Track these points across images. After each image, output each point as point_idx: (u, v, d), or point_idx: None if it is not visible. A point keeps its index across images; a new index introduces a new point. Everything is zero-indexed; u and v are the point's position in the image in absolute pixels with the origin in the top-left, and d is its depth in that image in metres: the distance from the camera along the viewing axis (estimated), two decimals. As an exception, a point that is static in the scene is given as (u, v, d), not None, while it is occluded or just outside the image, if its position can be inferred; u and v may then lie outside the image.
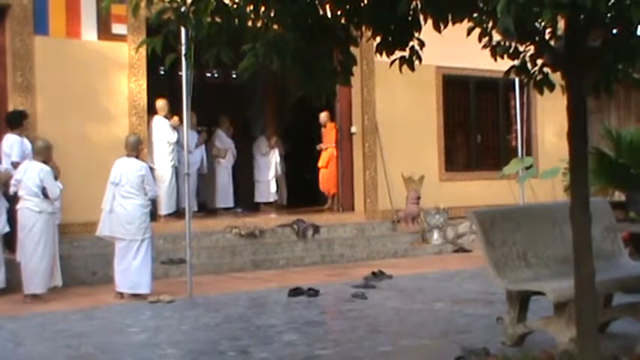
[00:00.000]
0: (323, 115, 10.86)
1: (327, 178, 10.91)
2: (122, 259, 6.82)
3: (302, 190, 12.04)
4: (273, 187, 11.62)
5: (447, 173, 11.34)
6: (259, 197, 11.63)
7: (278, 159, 11.78)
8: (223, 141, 11.15)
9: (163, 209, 9.43)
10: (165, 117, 9.54)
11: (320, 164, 10.97)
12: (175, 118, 9.43)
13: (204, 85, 13.03)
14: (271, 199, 11.64)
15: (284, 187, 12.18)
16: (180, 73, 7.18)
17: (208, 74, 13.70)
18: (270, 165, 11.67)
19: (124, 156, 6.98)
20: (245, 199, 11.93)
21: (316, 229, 9.61)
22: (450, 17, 3.16)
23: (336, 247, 9.53)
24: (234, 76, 13.80)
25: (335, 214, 10.55)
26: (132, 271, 6.77)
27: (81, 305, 6.46)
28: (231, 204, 11.13)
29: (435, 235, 10.15)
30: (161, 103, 9.55)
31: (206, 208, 10.76)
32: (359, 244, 9.72)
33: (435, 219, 10.12)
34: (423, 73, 10.55)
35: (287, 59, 3.26)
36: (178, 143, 9.44)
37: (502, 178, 9.06)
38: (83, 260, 7.79)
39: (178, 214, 9.28)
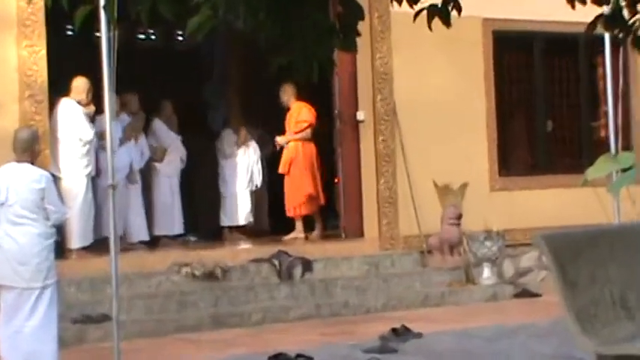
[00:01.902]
0: (284, 90, 10.90)
1: (291, 192, 10.89)
2: (11, 319, 6.69)
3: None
4: (244, 204, 11.59)
5: (502, 179, 11.34)
6: (225, 219, 11.61)
7: (255, 162, 11.75)
8: (161, 136, 11.13)
9: (76, 240, 9.41)
10: (80, 103, 9.54)
11: (281, 169, 10.98)
12: (92, 107, 9.42)
13: (136, 51, 13.04)
14: (241, 222, 11.62)
15: (264, 205, 12.18)
16: (97, 34, 7.15)
17: (141, 36, 13.70)
18: (240, 171, 11.65)
19: (12, 161, 6.91)
20: (202, 222, 11.88)
21: (307, 265, 9.59)
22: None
23: (337, 291, 9.51)
24: (180, 38, 13.80)
25: (334, 243, 10.53)
26: (26, 335, 6.66)
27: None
28: (178, 230, 11.11)
29: (486, 271, 10.13)
30: (80, 83, 9.58)
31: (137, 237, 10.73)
32: (371, 286, 9.70)
33: (484, 248, 10.11)
34: (463, 30, 10.55)
35: (260, 12, 3.24)
36: (98, 141, 9.41)
37: (586, 185, 9.01)
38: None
39: (99, 247, 9.24)
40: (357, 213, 10.72)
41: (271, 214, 12.13)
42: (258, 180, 11.68)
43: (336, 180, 11.30)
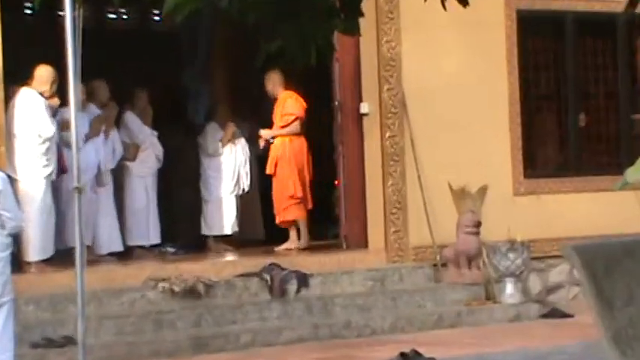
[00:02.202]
0: (269, 78, 10.94)
1: (277, 195, 10.96)
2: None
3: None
4: (230, 211, 11.59)
5: (528, 181, 11.35)
6: (207, 227, 11.61)
7: (242, 163, 11.74)
8: (134, 130, 11.12)
9: (35, 252, 9.40)
10: (43, 94, 9.54)
11: (268, 169, 11.05)
12: (56, 100, 9.41)
13: (106, 33, 13.04)
14: (226, 231, 11.62)
15: (255, 211, 12.17)
16: (61, 13, 7.15)
17: (111, 15, 13.70)
18: (225, 173, 11.65)
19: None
20: (181, 230, 11.87)
21: (303, 279, 9.61)
22: None
23: (337, 310, 9.52)
24: (157, 18, 13.79)
25: (334, 255, 10.53)
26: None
27: None
28: (154, 239, 11.12)
29: (509, 287, 10.13)
30: (44, 72, 9.59)
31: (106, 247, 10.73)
32: (377, 304, 9.71)
33: (507, 260, 10.11)
34: (482, 9, 10.53)
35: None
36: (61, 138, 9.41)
37: (624, 189, 9.03)
38: None
39: (62, 259, 9.24)
40: (361, 220, 10.72)
41: (265, 222, 12.14)
42: (245, 183, 11.67)
43: (336, 182, 11.31)
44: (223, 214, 11.56)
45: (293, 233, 11.00)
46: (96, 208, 10.30)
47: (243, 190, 11.70)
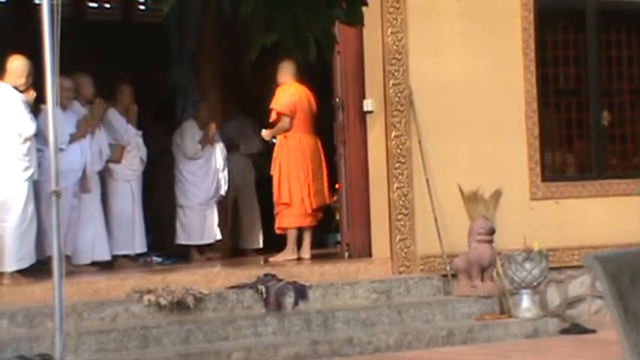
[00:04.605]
0: (280, 69, 11.08)
1: (277, 201, 11.08)
2: None
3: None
4: (210, 219, 11.62)
5: (545, 185, 11.35)
6: (186, 236, 11.63)
7: (221, 167, 11.75)
8: (119, 130, 11.13)
9: (11, 262, 9.42)
10: (18, 88, 9.56)
11: (272, 170, 11.18)
12: (32, 92, 9.42)
13: (87, 26, 13.05)
14: (207, 240, 11.65)
15: (255, 220, 12.18)
16: (37, 1, 7.15)
17: (93, 5, 13.71)
18: (204, 177, 11.66)
19: None
20: (169, 239, 11.89)
21: (301, 292, 9.62)
22: None
23: (338, 325, 9.53)
24: (142, 8, 13.81)
25: (335, 265, 10.54)
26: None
27: None
28: (140, 248, 11.13)
29: (526, 300, 10.14)
30: (18, 64, 9.60)
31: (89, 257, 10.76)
32: (382, 319, 9.72)
33: (523, 271, 10.11)
34: (496, -2, 10.61)
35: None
36: (41, 137, 9.40)
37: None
38: None
39: (41, 270, 9.24)
40: (364, 227, 10.75)
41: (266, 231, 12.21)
42: (223, 188, 11.75)
43: (337, 185, 11.33)
44: (203, 222, 11.60)
45: (291, 242, 11.02)
46: (77, 215, 10.31)
47: (221, 195, 11.75)
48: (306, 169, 11.07)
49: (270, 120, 11.14)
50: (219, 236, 11.69)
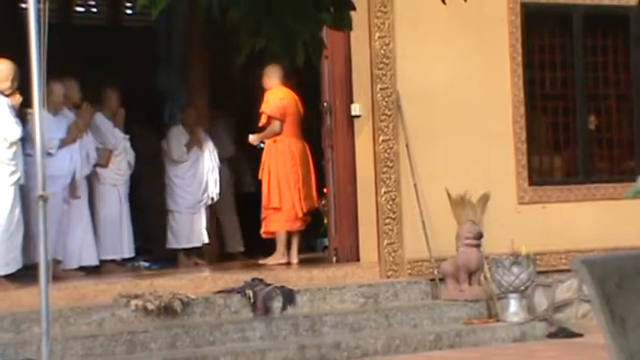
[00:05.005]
0: (266, 73, 11.06)
1: (266, 205, 11.07)
2: None
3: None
4: (198, 222, 11.61)
5: (533, 189, 11.37)
6: (175, 240, 11.62)
7: (210, 170, 11.74)
8: (106, 134, 11.11)
9: (-3, 266, 9.40)
10: (4, 92, 9.54)
11: (260, 175, 11.18)
12: (18, 97, 9.39)
13: (75, 29, 13.03)
14: (196, 244, 11.64)
15: (234, 223, 12.15)
16: (23, 5, 7.14)
17: (80, 9, 13.69)
18: (192, 180, 11.65)
19: None
20: (156, 243, 11.86)
21: (289, 296, 9.61)
22: None
23: (326, 330, 9.52)
24: (129, 12, 13.80)
25: (323, 270, 10.54)
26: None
27: None
28: (128, 253, 11.11)
29: (513, 304, 10.15)
30: (3, 68, 9.57)
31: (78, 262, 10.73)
32: (369, 323, 9.72)
33: (511, 275, 10.12)
34: (484, 3, 10.60)
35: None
36: (31, 141, 9.37)
37: (637, 197, 9.05)
38: None
39: (27, 274, 9.22)
40: (352, 231, 10.74)
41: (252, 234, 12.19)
42: (214, 192, 11.71)
43: (325, 190, 11.32)
44: (192, 226, 11.60)
45: (281, 246, 11.02)
46: (67, 219, 10.29)
47: (212, 199, 11.73)
48: (296, 173, 11.07)
49: (260, 124, 11.13)
50: (206, 240, 11.67)
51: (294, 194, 11.03)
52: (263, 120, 11.09)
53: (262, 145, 11.31)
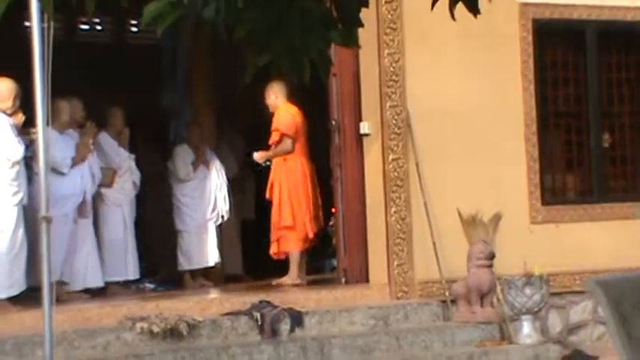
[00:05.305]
0: (270, 89, 11.05)
1: (273, 224, 11.06)
2: None
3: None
4: (209, 241, 11.62)
5: (546, 209, 11.35)
6: (186, 261, 11.63)
7: (218, 187, 11.76)
8: (110, 154, 11.14)
9: (1, 289, 9.40)
10: (5, 112, 9.57)
11: (267, 194, 11.16)
12: (21, 116, 9.42)
13: (80, 47, 13.07)
14: (208, 263, 11.64)
15: (234, 243, 12.15)
16: (27, 24, 7.17)
17: (84, 27, 13.74)
18: (199, 199, 11.65)
19: None
20: (162, 264, 11.87)
21: (297, 318, 9.61)
22: None
23: (335, 352, 9.50)
24: (134, 29, 13.85)
25: (332, 291, 10.54)
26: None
27: None
28: (133, 274, 11.12)
29: (526, 326, 10.12)
30: (4, 87, 9.61)
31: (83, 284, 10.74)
32: (379, 345, 9.70)
33: (524, 297, 10.10)
34: (495, 19, 10.60)
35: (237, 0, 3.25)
36: (36, 161, 9.40)
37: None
38: None
39: (31, 296, 9.20)
40: (361, 252, 10.74)
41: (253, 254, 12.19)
42: (224, 210, 11.71)
43: (333, 209, 11.32)
44: (202, 245, 11.60)
45: (295, 266, 11.02)
46: (75, 240, 10.30)
47: (222, 217, 11.73)
48: (306, 192, 11.06)
49: (271, 142, 11.09)
50: (218, 259, 11.66)
51: (305, 214, 11.03)
52: (275, 137, 11.06)
53: (268, 163, 11.25)
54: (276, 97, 11.14)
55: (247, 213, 13.15)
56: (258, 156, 11.29)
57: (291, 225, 10.97)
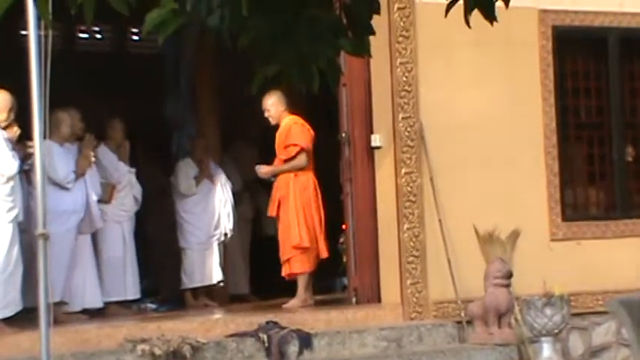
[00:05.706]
0: (269, 100, 11.01)
1: (283, 245, 10.99)
2: None
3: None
4: (212, 259, 11.63)
5: (566, 225, 11.35)
6: (188, 280, 11.64)
7: (223, 204, 11.77)
8: (109, 168, 11.15)
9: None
10: (0, 125, 9.59)
11: (270, 211, 11.08)
12: (15, 129, 9.44)
13: (79, 56, 13.11)
14: (210, 281, 11.66)
15: (239, 261, 12.16)
16: (24, 32, 7.19)
17: (83, 35, 13.78)
18: (203, 215, 11.67)
19: None
20: (164, 283, 11.88)
21: (305, 340, 9.61)
22: None
23: (346, 377, 9.51)
24: (135, 38, 13.89)
25: (342, 311, 10.54)
26: None
27: None
28: (133, 294, 11.13)
29: (546, 348, 10.11)
30: (-1, 100, 9.64)
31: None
32: (392, 370, 9.70)
33: (544, 317, 10.09)
34: (513, 26, 10.62)
35: (242, 7, 3.26)
36: (27, 173, 9.42)
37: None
38: None
39: (28, 317, 9.22)
40: (373, 270, 10.73)
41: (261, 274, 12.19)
42: (227, 227, 11.70)
43: (343, 226, 11.31)
44: (204, 263, 11.60)
45: (303, 288, 10.94)
46: (74, 257, 10.30)
47: (226, 235, 11.73)
48: (318, 209, 11.00)
49: (286, 157, 10.97)
50: (220, 277, 11.66)
51: (320, 233, 10.97)
52: (291, 152, 10.95)
53: (273, 179, 11.16)
54: (283, 108, 11.10)
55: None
56: (264, 171, 11.16)
57: (308, 246, 10.87)
